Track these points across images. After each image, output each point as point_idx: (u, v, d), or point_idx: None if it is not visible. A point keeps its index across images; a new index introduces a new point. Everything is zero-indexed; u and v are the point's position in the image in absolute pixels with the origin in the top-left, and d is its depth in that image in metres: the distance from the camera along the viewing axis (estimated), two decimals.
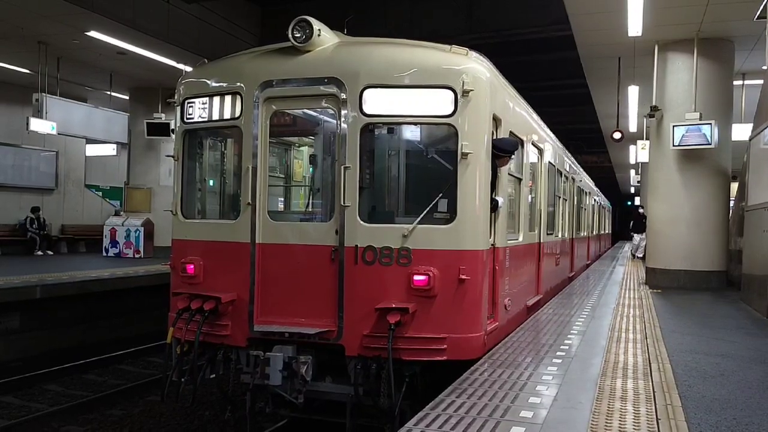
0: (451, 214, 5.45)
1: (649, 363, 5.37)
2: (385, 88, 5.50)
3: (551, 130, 10.05)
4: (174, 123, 6.50)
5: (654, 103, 11.67)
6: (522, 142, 7.32)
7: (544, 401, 4.08)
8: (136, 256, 17.50)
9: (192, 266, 5.94)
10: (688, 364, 5.43)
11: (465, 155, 5.38)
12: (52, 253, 18.49)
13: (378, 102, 5.50)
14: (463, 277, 5.34)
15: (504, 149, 6.01)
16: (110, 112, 17.24)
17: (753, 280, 9.29)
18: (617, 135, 14.51)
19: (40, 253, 18.04)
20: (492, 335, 5.92)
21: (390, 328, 5.13)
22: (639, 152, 15.18)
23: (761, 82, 11.72)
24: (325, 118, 6.32)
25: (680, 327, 7.51)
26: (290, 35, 5.63)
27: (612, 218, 36.95)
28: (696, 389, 4.62)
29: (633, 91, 14.60)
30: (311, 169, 7.22)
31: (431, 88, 5.45)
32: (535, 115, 8.63)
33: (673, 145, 10.96)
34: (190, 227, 6.25)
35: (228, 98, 5.94)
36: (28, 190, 19.01)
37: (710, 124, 10.62)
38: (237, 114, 5.85)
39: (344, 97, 5.49)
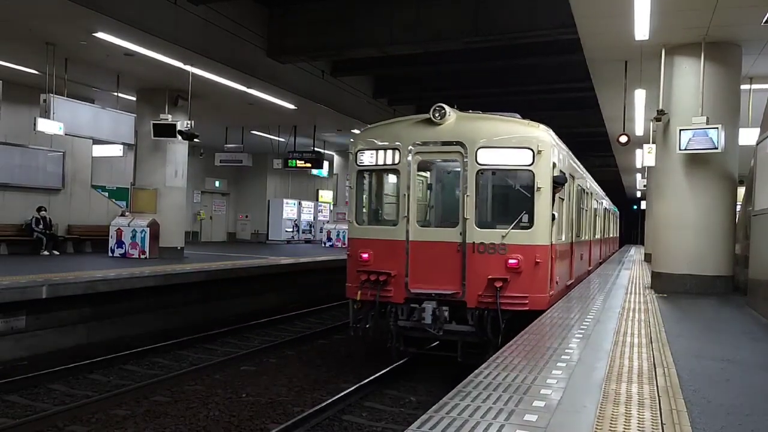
0: (530, 223, 8.81)
1: (654, 367, 5.35)
2: (491, 148, 8.86)
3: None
4: (349, 166, 10.08)
5: (660, 107, 11.60)
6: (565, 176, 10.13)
7: (548, 405, 4.07)
8: (142, 256, 17.55)
9: (366, 255, 9.31)
10: (693, 369, 5.39)
11: (539, 189, 8.76)
12: (58, 253, 18.54)
13: (486, 156, 8.87)
14: (538, 260, 8.72)
15: (559, 182, 9.13)
16: (117, 113, 17.19)
17: (759, 285, 9.25)
18: (623, 139, 14.41)
19: (46, 253, 18.10)
20: (552, 298, 9.13)
21: (497, 289, 8.53)
22: (645, 156, 14.98)
23: None
24: (437, 160, 9.97)
25: (686, 331, 7.48)
26: (431, 115, 8.99)
27: (619, 222, 36.87)
28: (701, 394, 4.59)
29: (639, 95, 14.53)
30: (429, 192, 10.66)
31: (518, 148, 8.81)
32: (571, 154, 11.83)
33: (680, 149, 10.88)
34: (363, 230, 9.67)
35: (390, 151, 9.36)
36: (35, 190, 19.03)
37: (717, 128, 10.54)
38: (396, 161, 9.30)
39: (466, 153, 8.87)
